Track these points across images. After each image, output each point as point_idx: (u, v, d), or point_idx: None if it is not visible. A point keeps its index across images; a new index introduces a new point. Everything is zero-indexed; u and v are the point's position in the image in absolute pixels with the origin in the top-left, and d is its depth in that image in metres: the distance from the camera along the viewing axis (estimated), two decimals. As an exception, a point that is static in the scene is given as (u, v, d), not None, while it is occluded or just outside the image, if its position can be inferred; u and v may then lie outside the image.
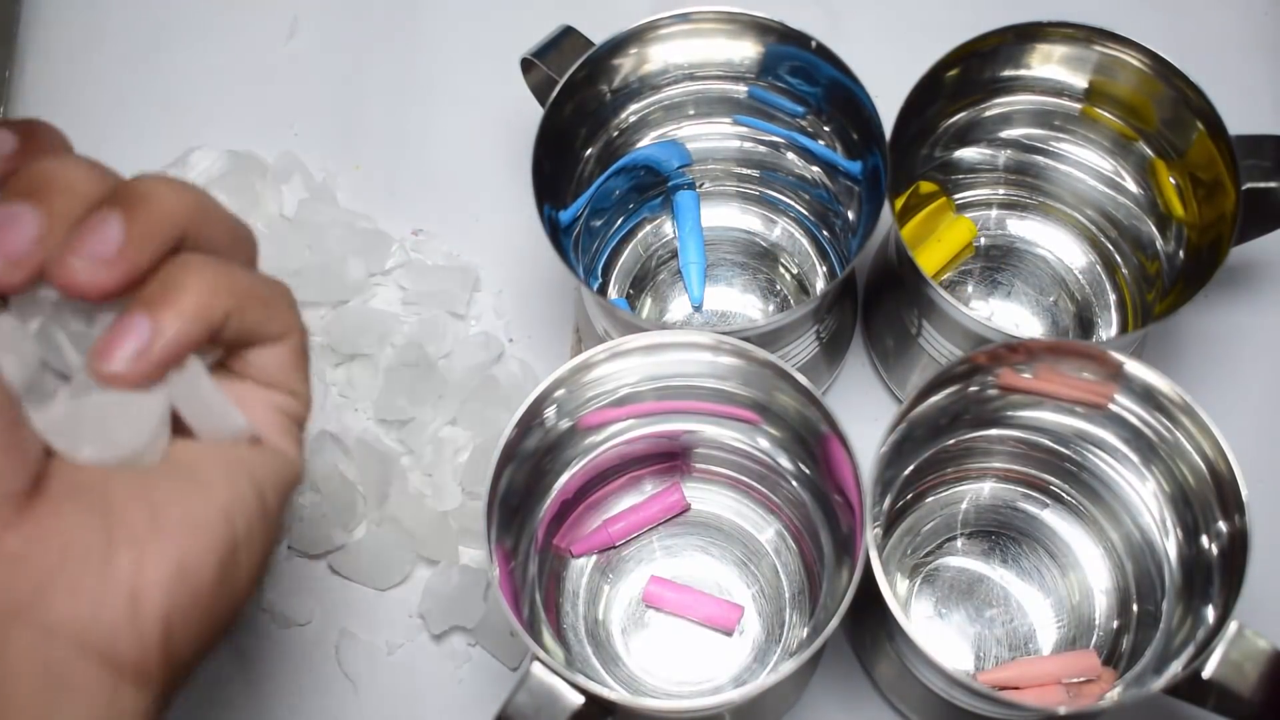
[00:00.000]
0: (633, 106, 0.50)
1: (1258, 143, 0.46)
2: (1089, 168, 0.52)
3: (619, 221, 0.54)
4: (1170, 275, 0.49)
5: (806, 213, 0.54)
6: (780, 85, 0.49)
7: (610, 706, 0.39)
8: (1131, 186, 0.51)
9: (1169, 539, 0.44)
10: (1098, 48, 0.47)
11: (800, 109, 0.50)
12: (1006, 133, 0.52)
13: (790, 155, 0.52)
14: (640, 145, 0.51)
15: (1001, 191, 0.54)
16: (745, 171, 0.54)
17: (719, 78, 0.50)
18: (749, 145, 0.53)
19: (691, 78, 0.50)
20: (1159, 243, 0.50)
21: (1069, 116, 0.51)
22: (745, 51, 0.48)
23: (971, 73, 0.49)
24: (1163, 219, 0.50)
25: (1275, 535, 0.46)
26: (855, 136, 0.48)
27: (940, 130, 0.51)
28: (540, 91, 0.49)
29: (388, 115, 0.59)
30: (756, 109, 0.51)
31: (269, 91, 0.60)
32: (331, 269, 0.53)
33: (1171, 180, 0.49)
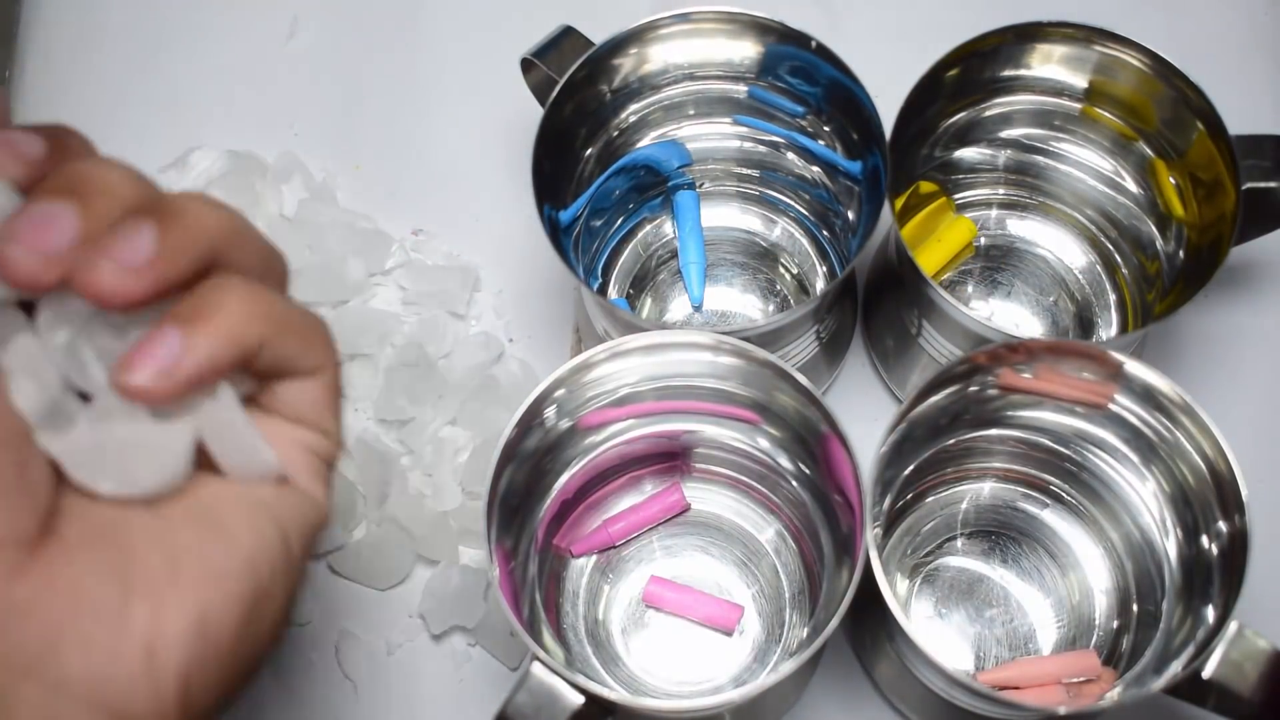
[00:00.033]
0: (633, 106, 0.50)
1: (1258, 143, 0.46)
2: (1089, 168, 0.52)
3: (619, 221, 0.54)
4: (1170, 275, 0.49)
5: (806, 213, 0.54)
6: (780, 85, 0.49)
7: (610, 706, 0.39)
8: (1131, 186, 0.51)
9: (1169, 539, 0.44)
10: (1098, 48, 0.47)
11: (800, 109, 0.50)
12: (1006, 133, 0.52)
13: (790, 155, 0.52)
14: (640, 145, 0.51)
15: (1001, 191, 0.54)
16: (745, 171, 0.54)
17: (719, 78, 0.50)
18: (749, 145, 0.53)
19: (691, 78, 0.50)
20: (1159, 243, 0.50)
21: (1069, 116, 0.51)
22: (745, 51, 0.48)
23: (971, 73, 0.49)
24: (1163, 219, 0.50)
25: (1275, 535, 0.46)
26: (855, 136, 0.48)
27: (940, 130, 0.51)
28: (540, 91, 0.49)
29: (388, 115, 0.59)
30: (756, 109, 0.51)
31: (269, 91, 0.60)
32: (331, 269, 0.53)
33: (1171, 180, 0.49)
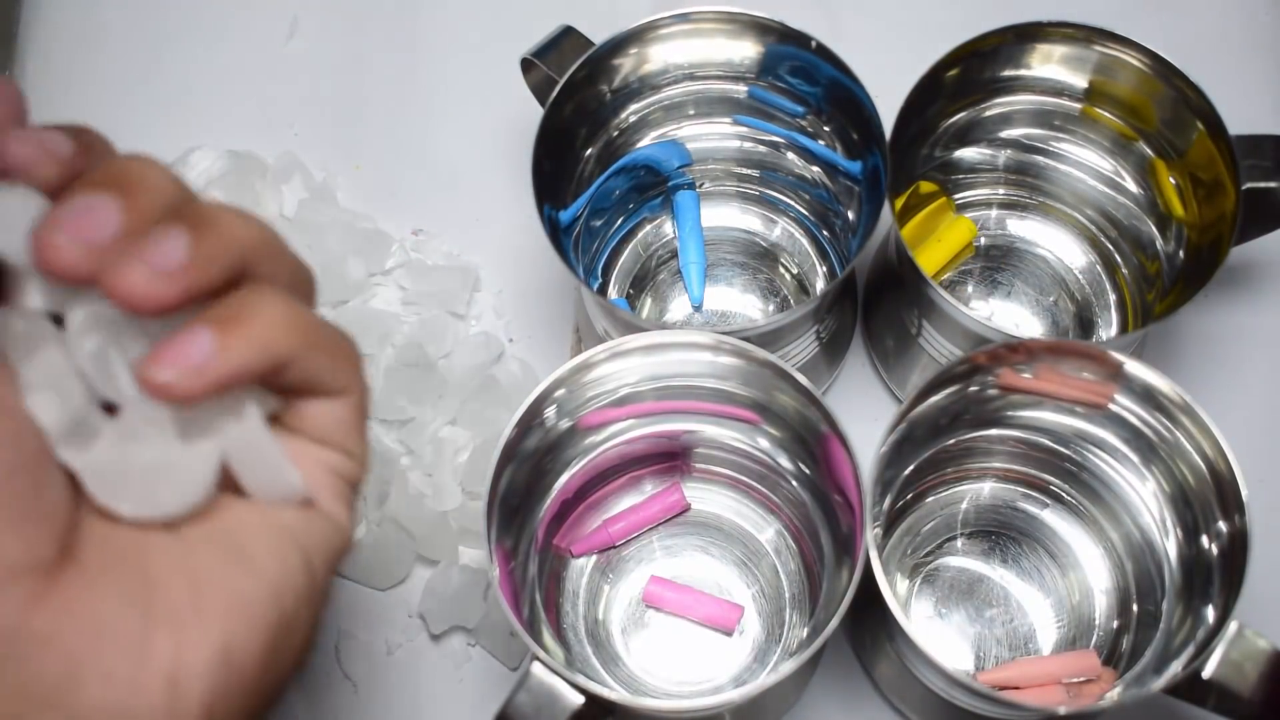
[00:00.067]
0: (633, 106, 0.50)
1: (1258, 143, 0.46)
2: (1089, 168, 0.52)
3: (619, 221, 0.54)
4: (1170, 275, 0.49)
5: (806, 213, 0.54)
6: (780, 85, 0.49)
7: (610, 706, 0.39)
8: (1131, 186, 0.51)
9: (1169, 539, 0.44)
10: (1098, 48, 0.47)
11: (800, 109, 0.50)
12: (1006, 133, 0.52)
13: (790, 155, 0.52)
14: (640, 145, 0.51)
15: (1001, 191, 0.54)
16: (745, 171, 0.54)
17: (719, 78, 0.50)
18: (749, 145, 0.53)
19: (691, 78, 0.50)
20: (1159, 243, 0.50)
21: (1069, 116, 0.51)
22: (745, 51, 0.48)
23: (971, 73, 0.49)
24: (1163, 219, 0.50)
25: (1275, 535, 0.46)
26: (855, 136, 0.48)
27: (940, 130, 0.51)
28: (540, 91, 0.49)
29: (388, 115, 0.59)
30: (756, 109, 0.51)
31: (269, 91, 0.60)
32: (331, 269, 0.53)
33: (1171, 180, 0.49)
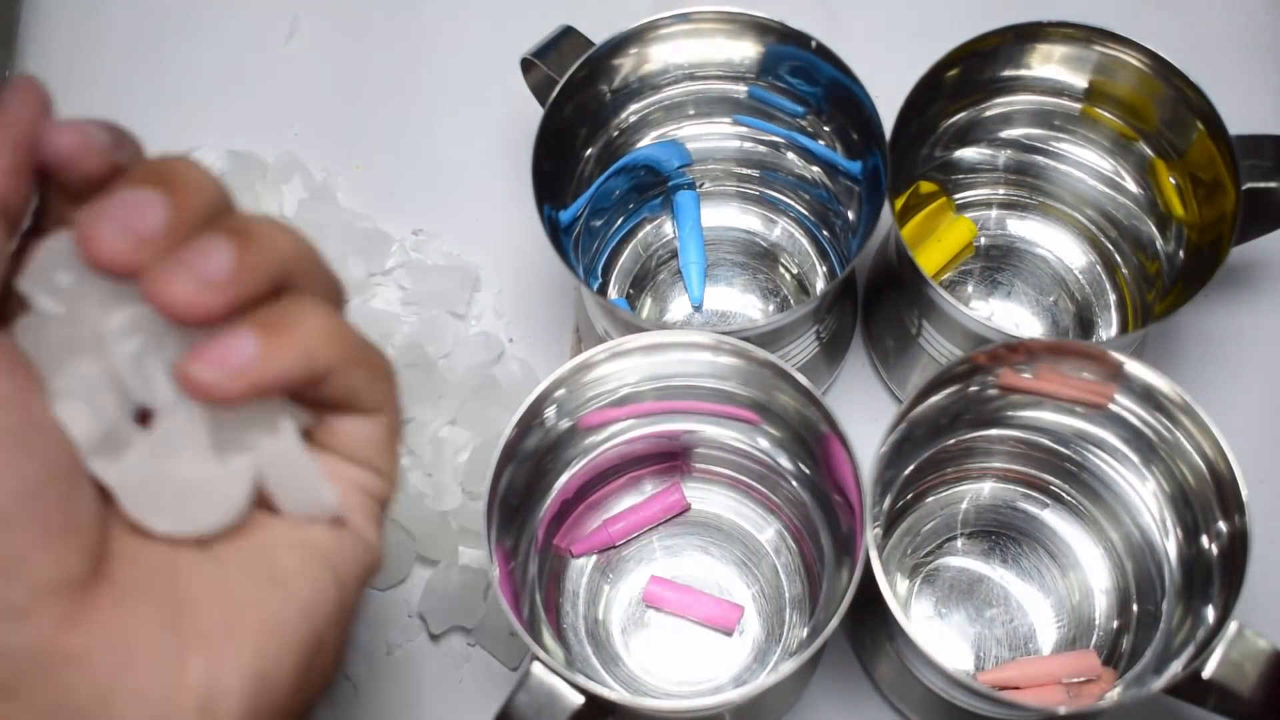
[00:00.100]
0: (633, 106, 0.50)
1: (1258, 143, 0.46)
2: (1089, 168, 0.52)
3: (619, 221, 0.54)
4: (1170, 275, 0.49)
5: (806, 213, 0.54)
6: (780, 85, 0.49)
7: (610, 706, 0.39)
8: (1131, 186, 0.51)
9: (1169, 539, 0.44)
10: (1098, 48, 0.47)
11: (800, 109, 0.50)
12: (1006, 133, 0.52)
13: (790, 155, 0.52)
14: (640, 145, 0.51)
15: (1001, 191, 0.54)
16: (745, 171, 0.54)
17: (719, 78, 0.50)
18: (749, 145, 0.53)
19: (691, 78, 0.50)
20: (1159, 243, 0.50)
21: (1069, 116, 0.51)
22: (745, 51, 0.48)
23: (971, 73, 0.49)
24: (1163, 219, 0.50)
25: (1275, 535, 0.46)
26: (855, 136, 0.48)
27: (940, 130, 0.51)
28: (540, 91, 0.49)
29: (388, 115, 0.59)
30: (756, 109, 0.51)
31: (269, 91, 0.60)
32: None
33: (1171, 180, 0.49)
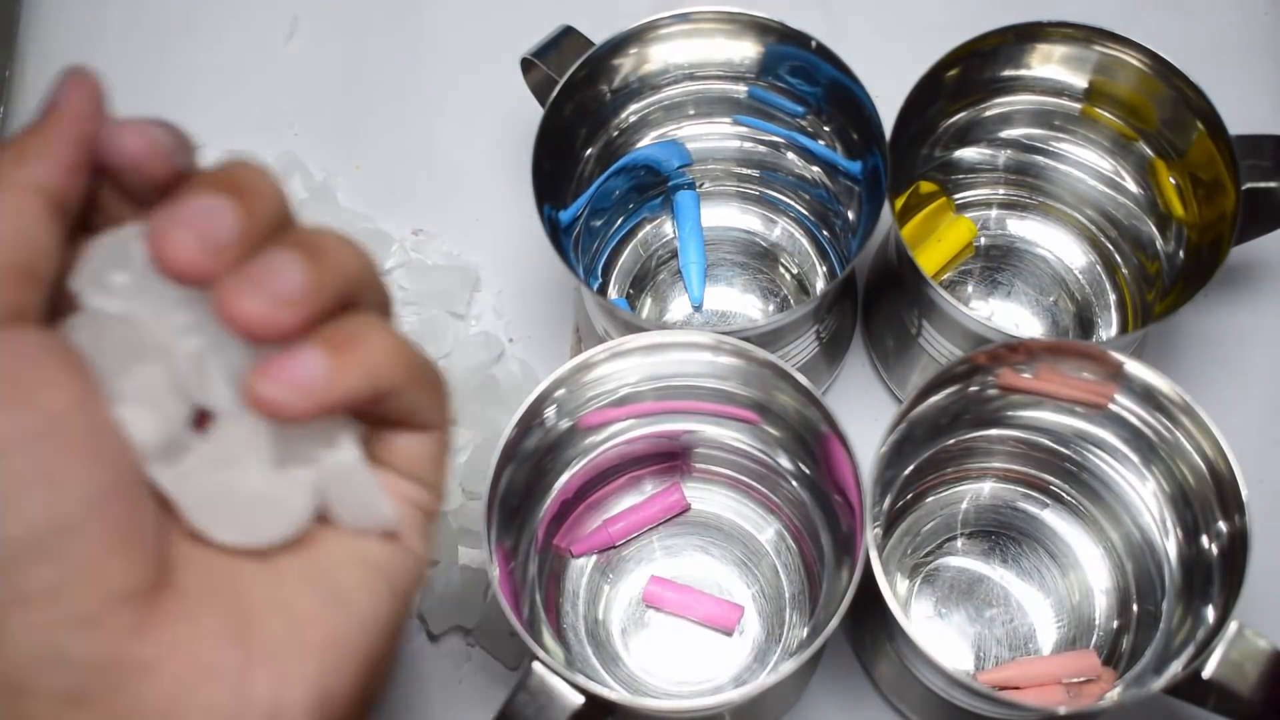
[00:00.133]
0: (633, 106, 0.50)
1: (1258, 143, 0.46)
2: (1089, 168, 0.52)
3: (619, 221, 0.54)
4: (1170, 275, 0.49)
5: (806, 213, 0.54)
6: (780, 85, 0.49)
7: (610, 706, 0.39)
8: (1131, 186, 0.51)
9: (1169, 539, 0.44)
10: (1098, 48, 0.47)
11: (800, 109, 0.50)
12: (1006, 133, 0.52)
13: (790, 155, 0.52)
14: (640, 145, 0.51)
15: (1001, 191, 0.54)
16: (745, 171, 0.54)
17: (719, 78, 0.50)
18: (749, 145, 0.53)
19: (691, 78, 0.50)
20: (1159, 243, 0.50)
21: (1069, 116, 0.51)
22: (745, 51, 0.48)
23: (971, 73, 0.49)
24: (1163, 219, 0.50)
25: (1275, 535, 0.46)
26: (855, 136, 0.48)
27: (940, 130, 0.51)
28: (540, 91, 0.49)
29: (388, 115, 0.59)
30: (756, 109, 0.51)
31: (269, 91, 0.60)
32: (331, 269, 0.53)
33: (1171, 180, 0.49)
